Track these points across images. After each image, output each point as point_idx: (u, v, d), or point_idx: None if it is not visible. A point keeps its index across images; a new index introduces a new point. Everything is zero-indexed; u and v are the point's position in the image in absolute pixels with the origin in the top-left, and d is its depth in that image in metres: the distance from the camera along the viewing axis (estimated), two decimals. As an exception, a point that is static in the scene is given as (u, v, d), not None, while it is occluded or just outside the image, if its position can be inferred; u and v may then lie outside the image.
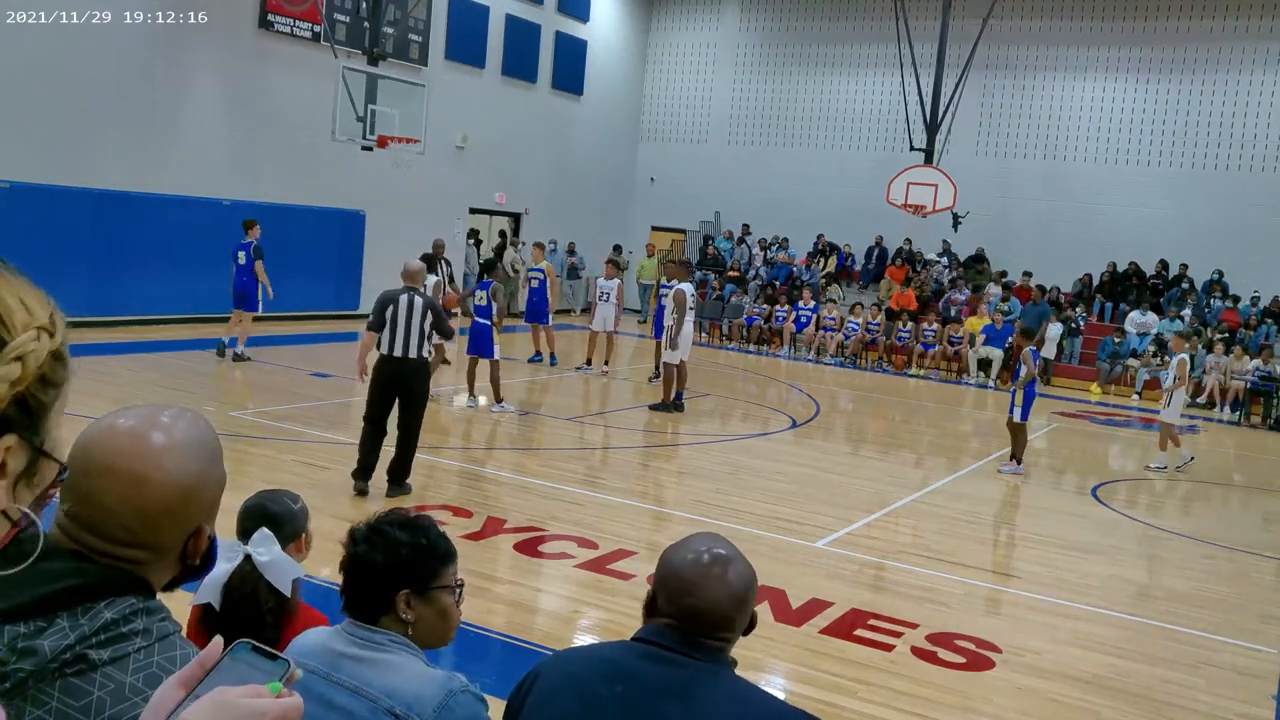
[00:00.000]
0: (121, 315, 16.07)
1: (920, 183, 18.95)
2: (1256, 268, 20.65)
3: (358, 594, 2.16)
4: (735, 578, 1.93)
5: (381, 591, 2.13)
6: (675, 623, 1.90)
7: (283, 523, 2.83)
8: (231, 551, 2.69)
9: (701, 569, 1.92)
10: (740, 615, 1.94)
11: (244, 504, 2.92)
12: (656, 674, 1.85)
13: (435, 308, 8.17)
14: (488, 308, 12.20)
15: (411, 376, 8.09)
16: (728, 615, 1.92)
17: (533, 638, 5.79)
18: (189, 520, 1.38)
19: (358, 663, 2.08)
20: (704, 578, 1.91)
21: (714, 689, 1.85)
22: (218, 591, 2.67)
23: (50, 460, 1.12)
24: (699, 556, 1.94)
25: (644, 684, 1.85)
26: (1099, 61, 22.52)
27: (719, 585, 1.91)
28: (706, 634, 1.90)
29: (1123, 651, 6.40)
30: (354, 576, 2.17)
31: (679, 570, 1.94)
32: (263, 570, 2.67)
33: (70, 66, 15.20)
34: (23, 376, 1.06)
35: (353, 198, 19.46)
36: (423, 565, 2.16)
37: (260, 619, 2.61)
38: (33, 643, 1.25)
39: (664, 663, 1.87)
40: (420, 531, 2.19)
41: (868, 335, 20.88)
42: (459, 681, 2.10)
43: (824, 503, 9.40)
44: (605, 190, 26.56)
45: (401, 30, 19.43)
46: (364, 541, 2.17)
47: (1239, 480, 13.44)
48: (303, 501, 3.00)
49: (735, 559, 1.96)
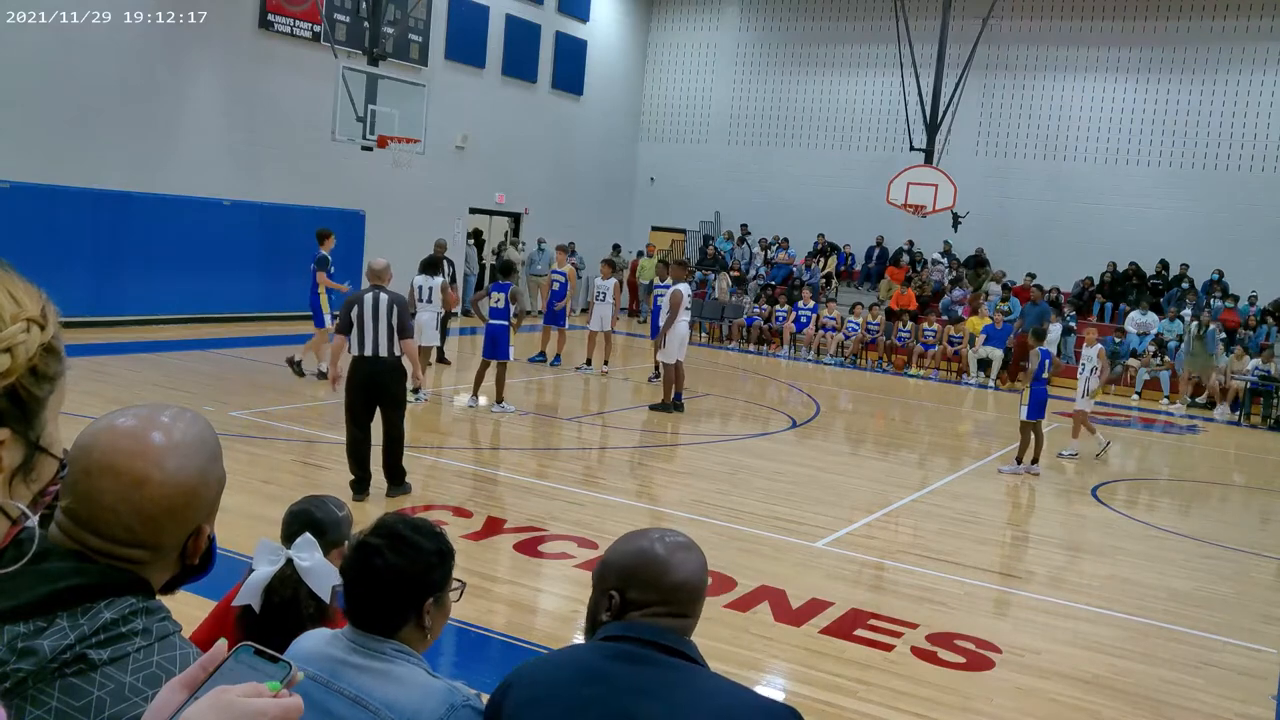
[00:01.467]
0: (121, 315, 16.07)
1: (920, 183, 18.95)
2: (1257, 268, 20.65)
3: (380, 606, 2.09)
4: (696, 552, 2.00)
5: (409, 602, 2.09)
6: (660, 609, 1.90)
7: (327, 529, 2.83)
8: (274, 555, 2.69)
9: (666, 549, 1.96)
10: (705, 590, 2.00)
11: (290, 508, 2.93)
12: (630, 674, 1.84)
13: (401, 305, 7.91)
14: (505, 310, 12.11)
15: (386, 376, 7.93)
16: (702, 585, 1.98)
17: (533, 638, 5.79)
18: (189, 520, 1.38)
19: (359, 671, 2.05)
20: (672, 555, 1.95)
21: (690, 686, 1.84)
22: (258, 594, 2.66)
23: (48, 456, 1.12)
24: (655, 542, 1.98)
25: (619, 685, 1.83)
26: (1099, 61, 22.53)
27: (692, 556, 1.97)
28: (689, 611, 1.93)
29: (1123, 651, 6.40)
30: (376, 589, 2.09)
31: (651, 555, 1.95)
32: (303, 575, 2.66)
33: (70, 66, 15.20)
34: (12, 368, 1.06)
35: (353, 198, 19.46)
36: (444, 570, 2.16)
37: (300, 623, 2.59)
38: (33, 643, 1.25)
39: (636, 662, 1.85)
40: (436, 537, 2.18)
41: (868, 335, 20.88)
42: (461, 695, 2.06)
43: (824, 503, 9.40)
44: (605, 190, 26.57)
45: (401, 30, 19.43)
46: (382, 550, 2.10)
47: (1239, 480, 13.43)
48: (348, 510, 3.00)
49: (682, 536, 2.03)
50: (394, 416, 8.07)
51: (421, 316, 12.68)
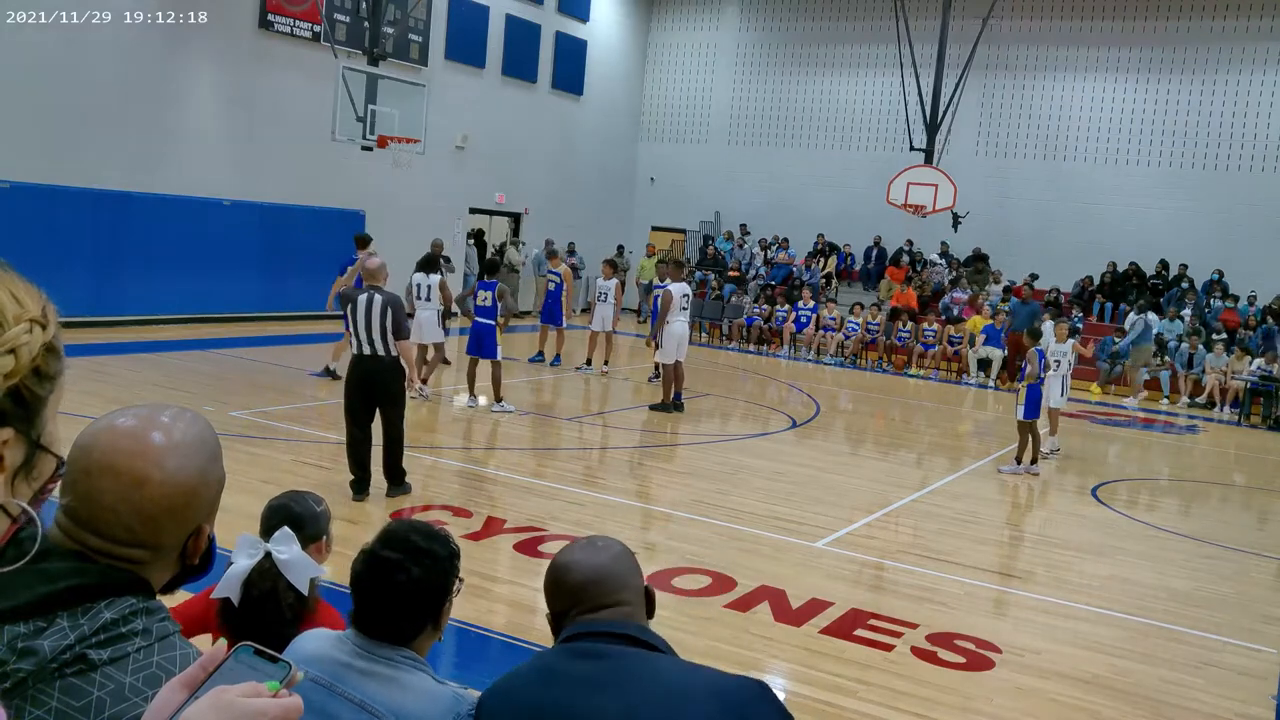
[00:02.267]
0: (121, 315, 16.07)
1: (920, 183, 18.95)
2: (1256, 268, 20.65)
3: (400, 618, 2.10)
4: (603, 544, 2.03)
5: (429, 611, 2.11)
6: (582, 609, 1.94)
7: (305, 523, 2.89)
8: (253, 548, 2.72)
9: (564, 555, 2.02)
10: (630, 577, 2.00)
11: (269, 503, 2.96)
12: (583, 670, 1.85)
13: (395, 306, 7.87)
14: (492, 308, 12.13)
15: (383, 374, 7.90)
16: (615, 574, 1.98)
17: (532, 638, 5.79)
18: (189, 520, 1.38)
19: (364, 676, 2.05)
20: (566, 560, 2.01)
21: (642, 673, 1.84)
22: (237, 587, 2.69)
23: (48, 455, 1.12)
24: (557, 555, 2.04)
25: (574, 681, 1.84)
26: (1099, 61, 22.53)
27: (592, 553, 2.00)
28: (613, 600, 1.94)
29: (1123, 651, 6.40)
30: (398, 602, 2.10)
31: (551, 572, 2.02)
32: (281, 568, 2.69)
33: (70, 66, 15.20)
34: (16, 369, 1.06)
35: (353, 198, 19.46)
36: (455, 571, 2.17)
37: (280, 616, 2.63)
38: (33, 643, 1.25)
39: (587, 657, 1.87)
40: (446, 540, 2.19)
41: (868, 335, 20.89)
42: (466, 703, 2.06)
43: (824, 503, 9.39)
44: (605, 190, 26.57)
45: (401, 30, 19.43)
46: (412, 565, 2.11)
47: (1239, 480, 13.43)
48: (326, 505, 3.04)
49: (591, 539, 2.08)
50: (393, 416, 8.05)
51: (422, 314, 12.66)
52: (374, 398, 7.96)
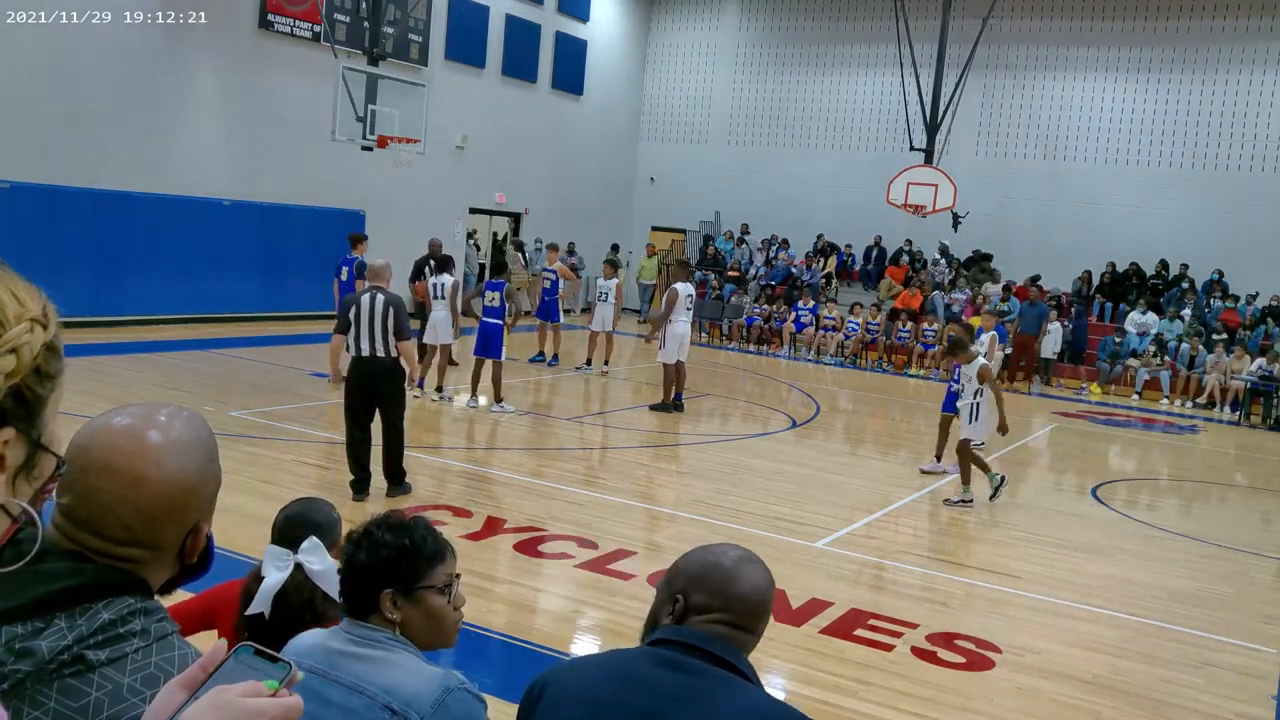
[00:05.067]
0: (121, 315, 16.06)
1: (920, 183, 18.95)
2: (1256, 268, 20.64)
3: (348, 594, 2.23)
4: (764, 569, 2.02)
5: (367, 591, 2.18)
6: (721, 616, 1.92)
7: (326, 531, 2.84)
8: (282, 561, 2.68)
9: (734, 559, 2.00)
10: (769, 609, 2.01)
11: (284, 512, 2.91)
12: (669, 680, 1.84)
13: (398, 306, 7.88)
14: (500, 309, 12.11)
15: (383, 375, 7.90)
16: (766, 601, 1.99)
17: (533, 638, 5.79)
18: (187, 519, 1.37)
19: (356, 660, 2.10)
20: (739, 565, 1.99)
21: (729, 699, 1.83)
22: (269, 602, 2.65)
23: (48, 454, 1.12)
24: (725, 552, 2.03)
25: (654, 690, 1.83)
26: (1099, 61, 22.52)
27: (759, 571, 2.00)
28: (749, 625, 1.94)
29: (1123, 651, 6.40)
30: (345, 577, 2.24)
31: (718, 563, 1.99)
32: (315, 579, 2.66)
33: (70, 66, 15.20)
34: (17, 369, 1.06)
35: (353, 198, 19.46)
36: (408, 566, 2.17)
37: (317, 626, 2.58)
38: (31, 644, 1.24)
39: (679, 669, 1.85)
40: (405, 532, 2.20)
41: (868, 335, 20.89)
42: (456, 679, 2.12)
43: (824, 503, 9.39)
44: (605, 190, 26.57)
45: (401, 30, 19.43)
46: (352, 544, 2.23)
47: (1239, 480, 13.43)
48: (337, 511, 3.02)
49: (754, 554, 2.05)
50: (393, 417, 8.05)
51: (436, 315, 12.66)
52: (374, 398, 7.96)
